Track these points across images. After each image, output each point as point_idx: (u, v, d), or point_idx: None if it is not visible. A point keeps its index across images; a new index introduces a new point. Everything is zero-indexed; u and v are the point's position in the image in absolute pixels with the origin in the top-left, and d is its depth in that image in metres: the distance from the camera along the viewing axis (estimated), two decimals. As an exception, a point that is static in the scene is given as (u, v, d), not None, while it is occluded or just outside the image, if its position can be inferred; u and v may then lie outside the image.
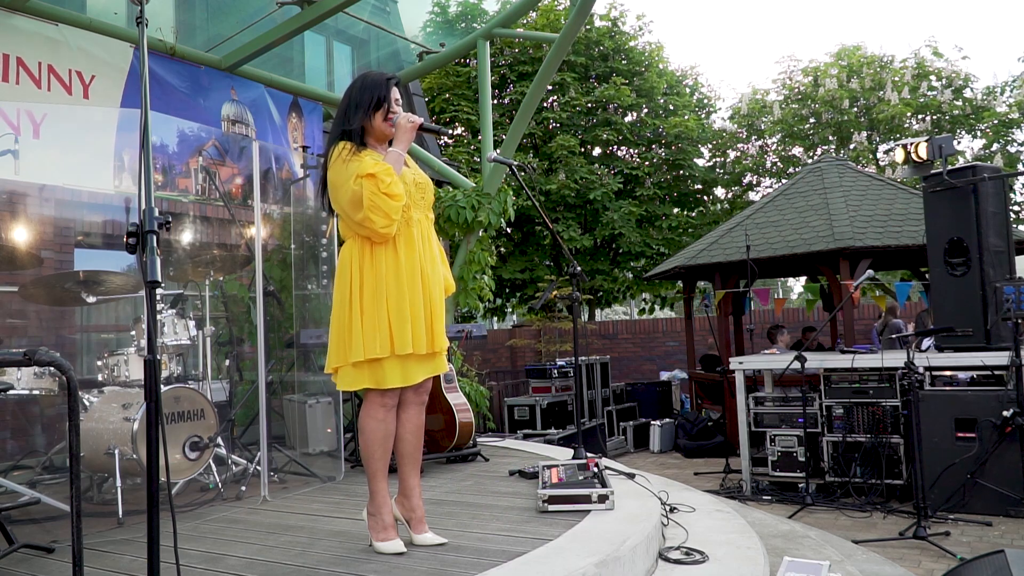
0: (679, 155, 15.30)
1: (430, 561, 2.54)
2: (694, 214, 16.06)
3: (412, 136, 2.73)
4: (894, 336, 6.74)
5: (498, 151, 5.64)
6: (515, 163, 3.92)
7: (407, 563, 2.53)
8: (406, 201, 2.67)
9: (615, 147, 15.54)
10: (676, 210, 15.96)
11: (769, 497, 5.80)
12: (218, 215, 6.32)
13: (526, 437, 7.31)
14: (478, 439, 4.84)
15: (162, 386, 2.81)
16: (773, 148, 16.70)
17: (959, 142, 15.11)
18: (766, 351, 6.99)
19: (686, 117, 15.43)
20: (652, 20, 20.45)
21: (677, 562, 2.81)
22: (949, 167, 5.57)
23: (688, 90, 16.81)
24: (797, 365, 5.61)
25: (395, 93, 2.75)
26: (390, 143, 2.74)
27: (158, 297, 4.01)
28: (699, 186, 16.09)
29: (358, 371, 2.63)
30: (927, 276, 6.12)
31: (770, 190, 15.45)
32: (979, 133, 15.18)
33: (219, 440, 4.04)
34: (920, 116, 14.99)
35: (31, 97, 4.65)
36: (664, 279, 11.00)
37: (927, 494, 4.75)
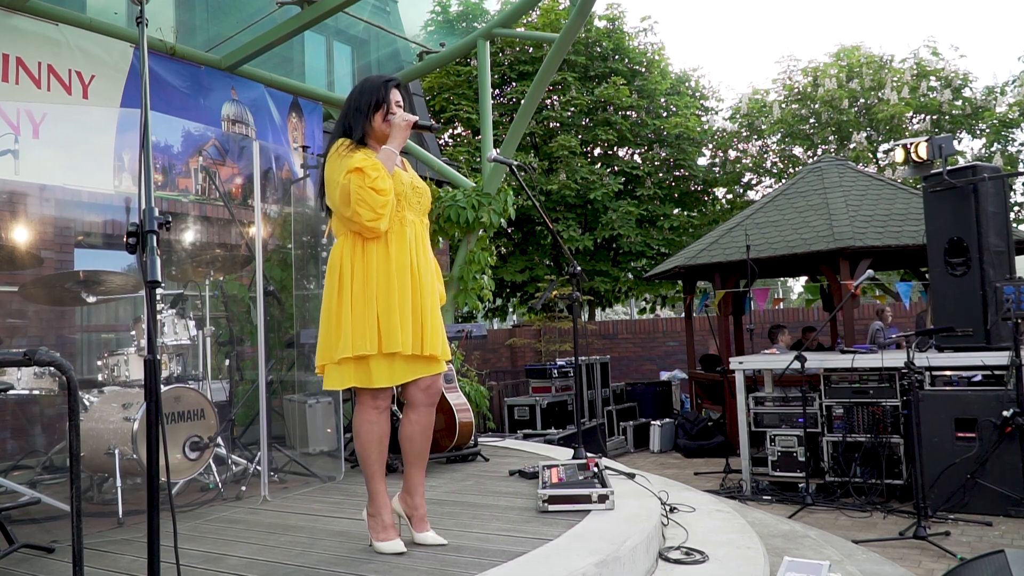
0: (679, 155, 15.30)
1: (430, 561, 2.54)
2: (694, 214, 16.06)
3: (406, 134, 2.73)
4: (881, 341, 6.75)
5: (498, 151, 5.63)
6: (515, 163, 3.91)
7: (407, 563, 2.52)
8: (399, 200, 2.67)
9: (615, 147, 15.54)
10: (676, 210, 15.96)
11: (769, 497, 5.80)
12: (218, 215, 6.32)
13: (526, 437, 7.31)
14: (478, 439, 4.84)
15: (162, 386, 2.81)
16: (773, 148, 16.71)
17: (959, 142, 15.12)
18: (766, 351, 6.99)
19: (687, 118, 15.43)
20: (657, 21, 20.36)
21: (677, 562, 2.81)
22: (949, 167, 5.57)
23: (688, 91, 16.81)
24: (797, 365, 5.61)
25: (395, 95, 2.75)
26: None
27: (158, 297, 4.01)
28: (699, 186, 16.09)
29: (344, 369, 2.60)
30: (927, 276, 6.12)
31: (770, 190, 15.46)
32: (979, 133, 15.18)
33: (219, 440, 4.04)
34: (920, 116, 14.99)
35: (31, 97, 4.65)
36: (664, 279, 11.00)
37: (927, 494, 4.75)
